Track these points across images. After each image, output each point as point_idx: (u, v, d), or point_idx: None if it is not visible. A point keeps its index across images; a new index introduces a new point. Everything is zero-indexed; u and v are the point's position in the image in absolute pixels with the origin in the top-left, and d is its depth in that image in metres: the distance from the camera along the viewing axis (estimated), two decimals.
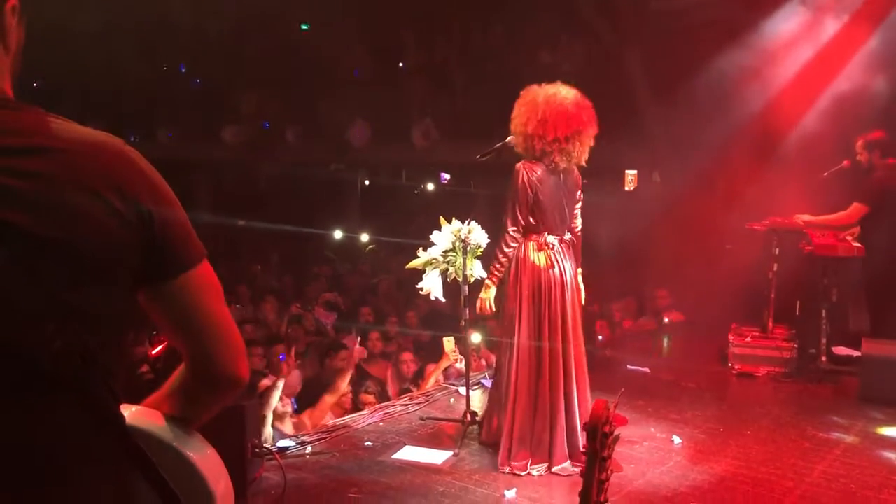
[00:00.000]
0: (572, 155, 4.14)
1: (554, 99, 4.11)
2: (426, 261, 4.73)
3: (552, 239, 4.21)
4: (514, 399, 4.18)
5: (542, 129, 4.08)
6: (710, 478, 4.16)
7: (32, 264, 1.10)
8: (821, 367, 6.16)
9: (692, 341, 7.25)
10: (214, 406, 1.40)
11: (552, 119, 4.06)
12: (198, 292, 1.28)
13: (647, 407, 5.30)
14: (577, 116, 4.09)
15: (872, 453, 4.57)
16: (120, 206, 1.17)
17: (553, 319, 4.15)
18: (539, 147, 4.12)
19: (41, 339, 1.10)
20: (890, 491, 4.01)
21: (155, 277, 1.24)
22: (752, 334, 6.33)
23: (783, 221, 6.33)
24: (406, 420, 5.07)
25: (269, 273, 10.66)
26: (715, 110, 8.06)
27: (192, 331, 1.30)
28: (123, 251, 1.19)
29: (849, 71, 7.40)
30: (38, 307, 1.11)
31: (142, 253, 1.21)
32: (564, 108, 4.08)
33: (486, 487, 4.02)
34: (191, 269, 1.28)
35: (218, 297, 1.32)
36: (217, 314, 1.31)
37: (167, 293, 1.26)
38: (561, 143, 4.09)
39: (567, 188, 4.25)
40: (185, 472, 1.31)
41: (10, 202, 1.09)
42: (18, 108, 1.18)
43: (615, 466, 2.99)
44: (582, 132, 4.12)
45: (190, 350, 1.32)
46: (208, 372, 1.32)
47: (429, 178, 14.98)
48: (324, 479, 4.13)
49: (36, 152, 1.13)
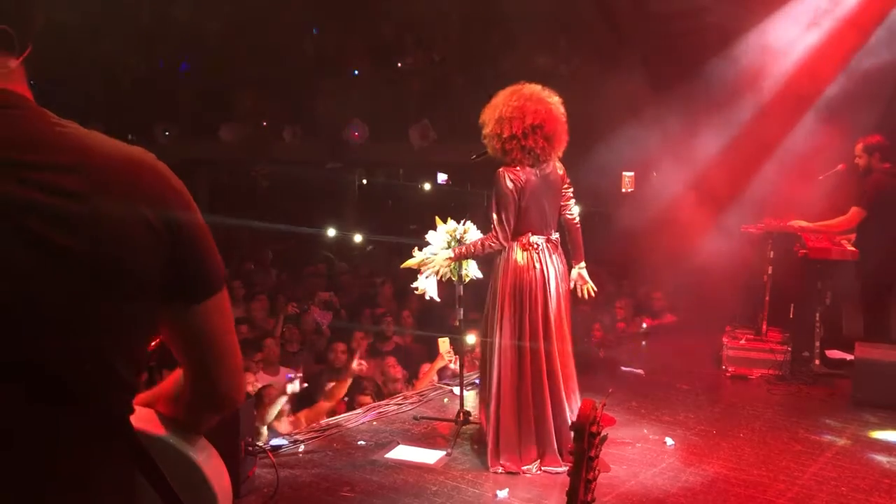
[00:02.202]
0: (535, 152, 4.07)
1: (511, 97, 4.09)
2: (421, 260, 4.73)
3: (537, 239, 4.20)
4: (498, 399, 4.19)
5: (500, 127, 4.07)
6: (702, 479, 4.17)
7: (72, 282, 1.12)
8: (814, 370, 6.19)
9: (686, 343, 7.26)
10: (210, 422, 1.43)
11: (507, 116, 4.04)
12: (214, 316, 1.30)
13: (641, 408, 5.31)
14: (534, 111, 4.03)
15: (864, 456, 4.58)
16: (155, 223, 1.19)
17: (534, 319, 4.15)
18: (499, 146, 4.10)
19: (74, 356, 1.13)
20: (880, 494, 4.02)
21: (180, 297, 1.25)
22: (746, 337, 6.34)
23: (778, 224, 6.34)
24: (400, 419, 5.08)
25: (264, 272, 10.64)
26: (712, 112, 8.08)
27: (201, 352, 1.31)
28: (156, 268, 1.20)
29: (846, 73, 7.42)
30: (74, 324, 1.13)
31: (171, 271, 1.21)
32: (520, 105, 4.04)
33: (479, 487, 4.03)
34: (215, 294, 1.29)
35: (230, 322, 1.35)
36: (228, 339, 1.33)
37: (188, 313, 1.27)
38: (520, 141, 4.04)
39: (549, 186, 4.21)
40: (191, 475, 1.34)
41: (54, 222, 1.10)
42: (57, 124, 1.18)
43: (603, 466, 3.01)
44: (542, 127, 4.04)
45: (196, 369, 1.34)
46: (210, 392, 1.35)
47: (427, 178, 14.99)
48: (317, 478, 4.14)
49: (76, 171, 1.14)
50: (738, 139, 7.94)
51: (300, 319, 7.68)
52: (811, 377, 6.06)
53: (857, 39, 7.38)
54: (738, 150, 7.95)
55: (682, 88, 8.10)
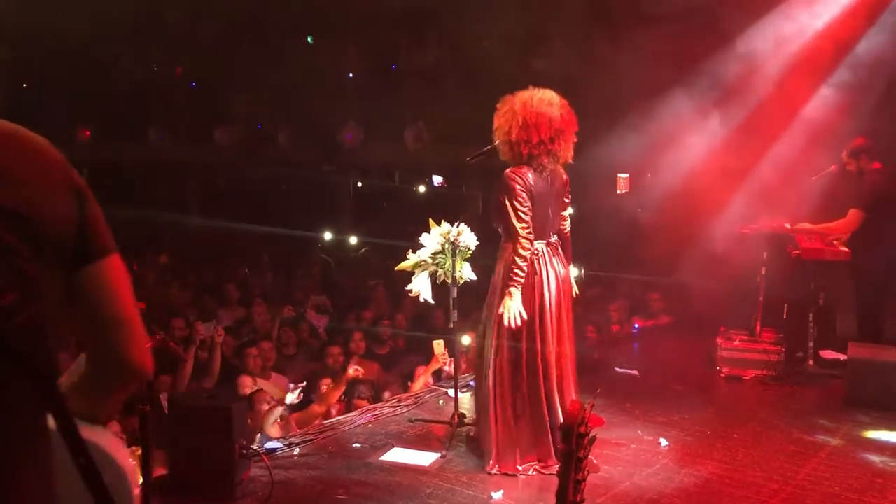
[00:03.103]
0: (558, 155, 4.18)
1: (531, 102, 4.13)
2: (415, 263, 4.75)
3: (539, 244, 4.22)
4: (495, 401, 4.20)
5: (526, 133, 4.10)
6: (696, 480, 4.18)
7: None
8: (808, 370, 6.22)
9: (680, 344, 7.28)
10: (117, 398, 1.44)
11: (533, 122, 4.09)
12: (108, 279, 1.33)
13: (635, 409, 5.32)
14: (558, 116, 4.13)
15: (857, 456, 4.60)
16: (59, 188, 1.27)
17: (531, 321, 4.15)
18: (526, 151, 4.13)
19: (6, 309, 1.16)
20: (873, 493, 4.04)
21: (78, 261, 1.30)
22: (740, 337, 6.36)
23: (772, 225, 6.37)
24: (395, 422, 5.08)
25: (260, 275, 10.64)
26: (706, 114, 8.11)
27: (99, 316, 1.34)
28: (63, 231, 1.26)
29: (837, 75, 7.45)
30: (3, 277, 1.17)
31: (73, 235, 1.28)
32: (544, 110, 4.11)
33: (474, 489, 4.03)
34: (107, 256, 1.33)
35: (127, 288, 1.37)
36: (125, 304, 1.35)
37: (84, 278, 1.31)
38: (546, 145, 4.11)
39: (555, 191, 4.26)
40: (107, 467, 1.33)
41: None
42: None
43: (592, 467, 3.02)
44: (564, 131, 4.15)
45: (98, 339, 1.36)
46: (114, 361, 1.36)
47: (423, 180, 15.00)
48: (311, 481, 4.14)
49: None
50: (731, 140, 7.97)
51: (297, 323, 7.69)
52: (805, 377, 6.09)
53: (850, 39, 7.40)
54: (731, 151, 7.98)
55: (676, 89, 8.13)
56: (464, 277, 4.72)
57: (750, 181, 7.66)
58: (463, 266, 4.71)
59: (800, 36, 7.67)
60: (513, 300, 4.08)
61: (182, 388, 5.45)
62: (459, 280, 4.68)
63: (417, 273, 4.76)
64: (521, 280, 4.10)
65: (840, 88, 7.38)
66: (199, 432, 3.89)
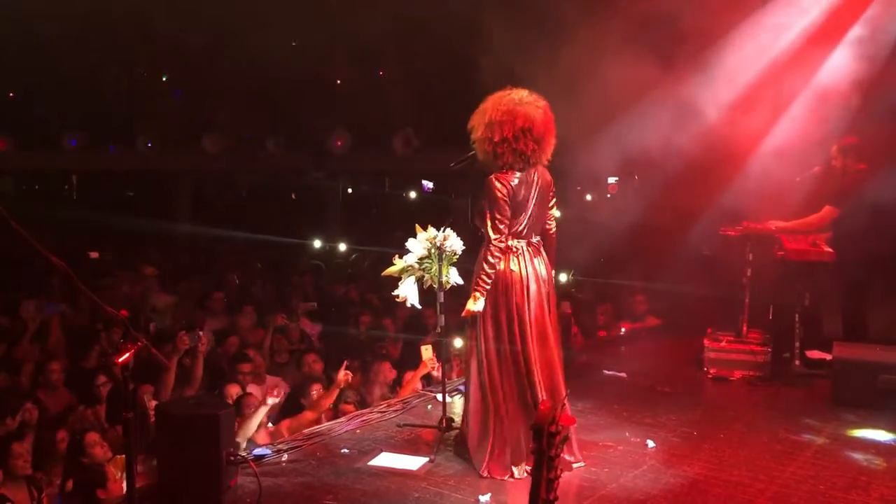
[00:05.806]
0: (526, 154, 4.11)
1: (500, 101, 4.14)
2: (402, 268, 4.76)
3: (519, 244, 4.24)
4: (483, 403, 4.22)
5: (490, 131, 4.10)
6: (683, 480, 4.20)
7: None
8: (794, 370, 6.25)
9: (668, 346, 7.31)
10: None
11: (498, 120, 4.08)
12: None
13: (623, 411, 5.34)
14: (524, 115, 4.08)
15: (842, 454, 4.64)
16: None
17: (512, 323, 4.16)
18: (490, 149, 4.13)
19: None
20: (857, 491, 4.07)
21: None
22: (726, 338, 6.39)
23: (756, 227, 6.41)
24: (383, 427, 5.08)
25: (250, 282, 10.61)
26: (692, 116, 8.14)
27: None
28: None
29: (821, 76, 7.50)
30: None
31: None
32: (509, 108, 4.09)
33: (461, 493, 4.04)
34: None
35: None
36: None
37: None
38: (510, 143, 4.08)
39: (539, 193, 4.25)
40: None
41: None
42: None
43: (564, 465, 3.03)
44: (532, 129, 4.09)
45: None
46: None
47: (412, 186, 15.02)
48: (299, 487, 4.14)
49: None
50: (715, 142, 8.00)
51: (288, 330, 7.68)
52: (791, 377, 6.13)
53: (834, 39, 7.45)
54: (715, 154, 8.02)
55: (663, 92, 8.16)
56: (450, 282, 4.73)
57: (735, 182, 7.69)
58: (450, 270, 4.72)
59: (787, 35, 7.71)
60: (475, 304, 4.17)
61: (165, 397, 5.43)
62: (446, 284, 4.69)
63: (404, 278, 4.77)
64: (487, 286, 4.16)
65: (828, 86, 7.41)
66: (187, 440, 3.88)
